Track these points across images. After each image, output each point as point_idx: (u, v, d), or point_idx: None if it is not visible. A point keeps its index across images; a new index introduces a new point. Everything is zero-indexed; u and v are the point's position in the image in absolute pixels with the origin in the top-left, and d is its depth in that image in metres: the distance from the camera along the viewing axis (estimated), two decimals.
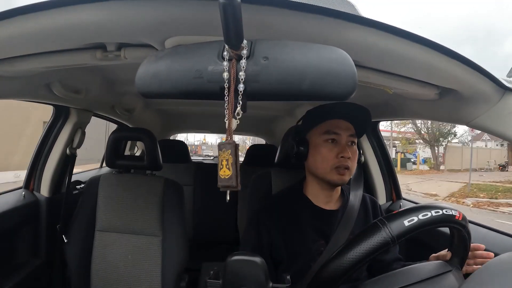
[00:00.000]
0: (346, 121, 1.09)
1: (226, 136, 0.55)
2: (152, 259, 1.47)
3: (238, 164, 0.54)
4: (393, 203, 1.82)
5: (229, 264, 0.74)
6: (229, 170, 0.53)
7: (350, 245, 0.68)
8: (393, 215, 0.69)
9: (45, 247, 1.61)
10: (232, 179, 0.53)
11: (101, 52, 0.84)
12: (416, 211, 0.68)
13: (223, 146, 0.54)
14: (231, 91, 0.52)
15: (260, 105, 2.23)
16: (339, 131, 1.06)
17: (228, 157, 0.53)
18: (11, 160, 8.37)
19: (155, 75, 0.56)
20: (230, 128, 0.54)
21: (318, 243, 1.06)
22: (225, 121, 0.54)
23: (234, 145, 0.54)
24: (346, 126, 1.08)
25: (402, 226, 0.66)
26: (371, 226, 0.68)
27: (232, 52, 0.52)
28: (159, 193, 1.51)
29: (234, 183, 0.53)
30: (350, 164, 1.06)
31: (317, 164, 1.07)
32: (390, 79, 0.87)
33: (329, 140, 1.06)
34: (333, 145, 1.06)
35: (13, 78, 1.01)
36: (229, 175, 0.53)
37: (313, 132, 1.10)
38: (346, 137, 1.07)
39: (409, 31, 0.66)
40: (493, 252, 0.94)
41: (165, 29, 0.67)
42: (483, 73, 0.77)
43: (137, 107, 2.14)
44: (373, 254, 0.65)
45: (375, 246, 0.65)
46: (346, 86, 0.51)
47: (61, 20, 0.64)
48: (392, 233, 0.65)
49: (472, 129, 12.16)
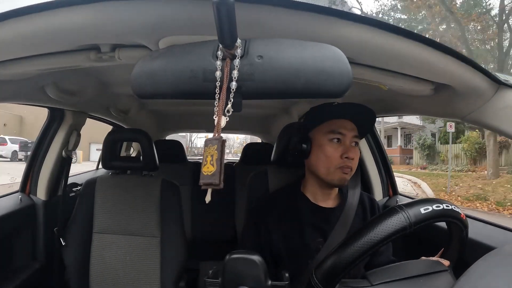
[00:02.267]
0: (351, 122, 1.08)
1: (214, 133, 0.53)
2: (151, 260, 1.46)
3: (223, 161, 0.51)
4: (389, 199, 1.83)
5: (227, 263, 0.74)
6: (212, 167, 0.50)
7: (367, 227, 0.67)
8: (409, 203, 0.69)
9: (43, 250, 1.61)
10: (215, 176, 0.50)
11: (95, 54, 0.84)
12: (429, 202, 0.69)
13: (210, 142, 0.52)
14: (223, 89, 0.52)
15: (255, 103, 2.23)
16: (345, 131, 1.06)
17: (213, 153, 0.51)
18: None
19: (150, 76, 0.56)
20: (219, 125, 0.53)
21: (316, 240, 1.06)
22: (214, 118, 0.53)
23: (221, 140, 0.52)
24: (351, 127, 1.07)
25: (419, 213, 0.67)
26: (389, 211, 0.68)
27: (226, 51, 0.52)
28: (156, 194, 1.51)
29: (217, 181, 0.50)
30: (353, 165, 1.06)
31: (320, 163, 1.07)
32: (385, 75, 0.87)
33: (334, 139, 1.06)
34: (338, 145, 1.06)
35: (7, 82, 1.01)
36: (212, 171, 0.50)
37: (317, 130, 1.09)
38: (350, 137, 1.07)
39: (403, 28, 0.66)
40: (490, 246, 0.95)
41: (159, 29, 0.67)
42: (477, 68, 0.78)
43: (132, 108, 2.14)
44: (390, 237, 0.65)
45: (393, 229, 0.65)
46: (341, 83, 0.52)
47: (54, 22, 0.64)
48: (410, 218, 0.66)
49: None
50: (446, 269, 0.71)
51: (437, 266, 0.72)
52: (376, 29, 0.65)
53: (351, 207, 1.12)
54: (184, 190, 1.58)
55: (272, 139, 3.04)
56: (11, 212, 1.47)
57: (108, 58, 0.84)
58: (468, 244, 0.81)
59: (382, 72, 0.86)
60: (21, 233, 1.54)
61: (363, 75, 0.87)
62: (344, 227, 1.07)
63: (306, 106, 2.01)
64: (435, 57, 0.72)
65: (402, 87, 0.95)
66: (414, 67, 0.81)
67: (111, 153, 1.54)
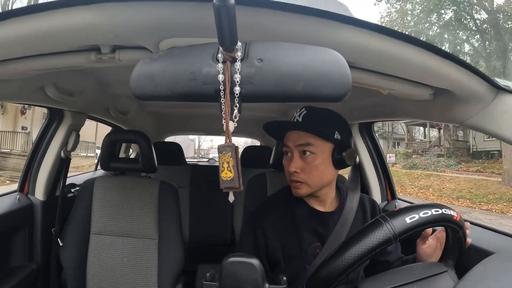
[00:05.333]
0: (295, 131, 1.06)
1: (225, 139, 0.56)
2: (148, 262, 1.46)
3: (239, 166, 0.55)
4: (388, 203, 1.83)
5: (225, 266, 0.74)
6: (230, 172, 0.55)
7: (351, 240, 0.68)
8: (394, 212, 0.69)
9: (41, 251, 1.60)
10: (235, 181, 0.55)
11: (96, 55, 0.84)
12: (416, 209, 0.69)
13: (223, 149, 0.56)
14: (227, 93, 0.53)
15: (255, 106, 2.23)
16: (288, 142, 1.06)
17: (229, 160, 0.55)
18: None
19: (149, 77, 0.56)
20: (228, 130, 0.55)
21: (313, 245, 1.06)
22: (223, 123, 0.55)
23: (234, 148, 0.55)
24: (296, 136, 1.05)
25: (404, 223, 0.66)
26: (373, 223, 0.68)
27: (227, 54, 0.52)
28: (155, 196, 1.51)
29: (237, 185, 0.55)
30: (303, 177, 1.04)
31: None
32: (384, 80, 0.88)
33: (286, 152, 1.07)
34: (288, 158, 1.06)
35: (6, 81, 1.01)
36: (231, 177, 0.55)
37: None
38: (294, 147, 1.05)
39: (403, 33, 0.66)
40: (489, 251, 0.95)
41: (160, 31, 0.67)
42: (477, 73, 0.78)
43: (132, 109, 2.14)
44: (375, 250, 0.65)
45: (377, 242, 0.65)
46: (340, 87, 0.52)
47: (55, 23, 0.64)
48: (394, 229, 0.66)
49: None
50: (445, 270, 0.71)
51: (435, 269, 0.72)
52: (376, 34, 0.65)
53: (350, 211, 1.10)
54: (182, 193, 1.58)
55: (271, 143, 3.04)
56: (9, 211, 1.46)
57: (108, 59, 0.84)
58: (467, 249, 0.81)
59: (382, 77, 0.86)
60: (18, 233, 1.53)
61: (362, 79, 0.87)
62: (343, 231, 1.06)
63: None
64: (435, 61, 0.73)
65: (402, 91, 0.96)
66: (414, 71, 0.81)
67: (110, 154, 1.54)
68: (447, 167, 16.15)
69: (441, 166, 16.32)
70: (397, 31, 0.66)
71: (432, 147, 19.84)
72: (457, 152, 18.14)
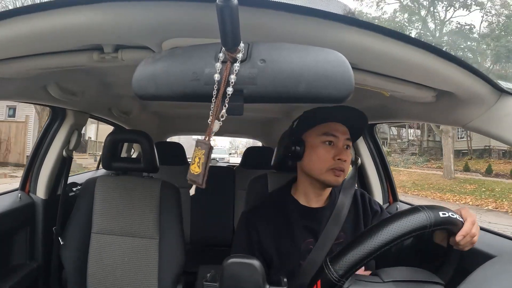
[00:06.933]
0: (343, 125, 1.10)
1: (205, 137, 0.57)
2: (149, 262, 1.46)
3: (208, 166, 0.57)
4: (390, 205, 1.83)
5: (226, 267, 0.74)
6: (199, 168, 0.56)
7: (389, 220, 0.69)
8: (430, 205, 0.72)
9: (42, 250, 1.60)
10: (200, 177, 0.56)
11: (98, 54, 0.84)
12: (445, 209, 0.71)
13: (200, 145, 0.57)
14: (220, 93, 0.53)
15: (257, 107, 2.23)
16: (337, 134, 1.07)
17: (201, 156, 0.56)
18: None
19: (152, 77, 0.56)
20: (211, 129, 0.56)
21: (306, 241, 1.07)
22: (208, 122, 0.56)
23: (209, 147, 0.56)
24: (344, 130, 1.09)
25: (439, 216, 0.69)
26: (412, 209, 0.70)
27: (228, 54, 0.52)
28: (156, 196, 1.51)
29: (200, 182, 0.56)
30: (345, 167, 1.07)
31: (313, 165, 1.08)
32: (387, 81, 0.87)
33: (327, 142, 1.07)
34: (330, 147, 1.07)
35: (10, 80, 1.01)
36: (198, 172, 0.56)
37: (310, 133, 1.10)
38: (343, 140, 1.08)
39: (406, 34, 0.66)
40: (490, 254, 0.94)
41: (163, 31, 0.67)
42: (480, 76, 0.77)
43: (134, 109, 2.14)
44: (411, 233, 0.67)
45: (415, 226, 0.67)
46: (343, 89, 0.51)
47: (58, 22, 0.64)
48: (431, 218, 0.67)
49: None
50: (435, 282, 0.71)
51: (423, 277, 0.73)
52: (379, 35, 0.65)
53: (343, 206, 1.13)
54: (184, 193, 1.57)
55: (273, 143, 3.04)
56: (10, 210, 1.47)
57: (111, 59, 0.84)
58: (467, 253, 0.81)
59: (385, 78, 0.86)
60: (20, 232, 1.54)
61: (365, 81, 0.87)
62: (335, 225, 1.08)
63: None
64: (438, 64, 0.72)
65: (404, 93, 0.95)
66: (417, 73, 0.81)
67: (112, 154, 1.54)
68: (414, 164, 18.54)
69: (409, 163, 18.55)
70: (401, 32, 0.65)
71: (411, 146, 21.40)
72: (431, 151, 20.03)
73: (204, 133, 0.57)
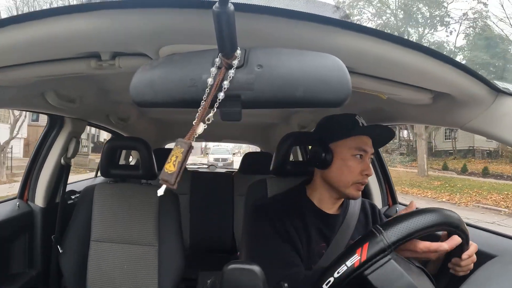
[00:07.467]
0: (370, 139, 1.09)
1: (187, 136, 0.54)
2: (149, 269, 1.45)
3: (183, 165, 0.53)
4: (389, 208, 1.83)
5: (226, 273, 0.73)
6: (174, 167, 0.52)
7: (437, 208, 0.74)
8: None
9: (40, 258, 1.59)
10: (172, 177, 0.52)
11: (96, 61, 0.84)
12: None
13: (180, 143, 0.53)
14: (210, 96, 0.52)
15: (255, 112, 2.23)
16: (367, 148, 1.06)
17: (178, 155, 0.53)
18: None
19: (149, 84, 0.56)
20: (194, 130, 0.54)
21: (320, 245, 1.07)
22: (193, 123, 0.54)
23: (189, 146, 0.53)
24: (371, 144, 1.08)
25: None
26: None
27: (224, 60, 0.52)
28: (155, 202, 1.50)
29: (172, 181, 0.52)
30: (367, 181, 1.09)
31: (340, 176, 1.06)
32: (384, 84, 0.88)
33: (357, 155, 1.06)
34: (359, 161, 1.05)
35: (7, 87, 1.01)
36: (172, 171, 0.52)
37: (341, 143, 1.07)
38: (369, 155, 1.07)
39: (402, 37, 0.66)
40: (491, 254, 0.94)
41: (160, 38, 0.68)
42: (476, 77, 0.78)
43: (132, 116, 2.14)
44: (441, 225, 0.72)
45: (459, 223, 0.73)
46: (340, 93, 0.51)
47: (55, 29, 0.64)
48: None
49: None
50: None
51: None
52: (375, 39, 0.65)
53: (353, 215, 1.13)
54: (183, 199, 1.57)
55: (271, 149, 3.04)
56: (8, 218, 1.46)
57: (108, 66, 0.84)
58: None
59: (382, 82, 0.87)
60: (18, 240, 1.53)
61: (362, 84, 0.87)
62: (345, 234, 1.08)
63: (306, 116, 2.01)
64: (435, 66, 0.73)
65: (401, 96, 0.96)
66: (414, 76, 0.81)
67: (110, 161, 1.54)
68: (400, 163, 19.38)
69: (395, 162, 19.27)
70: (397, 36, 0.66)
71: (400, 147, 21.96)
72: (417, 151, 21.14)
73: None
